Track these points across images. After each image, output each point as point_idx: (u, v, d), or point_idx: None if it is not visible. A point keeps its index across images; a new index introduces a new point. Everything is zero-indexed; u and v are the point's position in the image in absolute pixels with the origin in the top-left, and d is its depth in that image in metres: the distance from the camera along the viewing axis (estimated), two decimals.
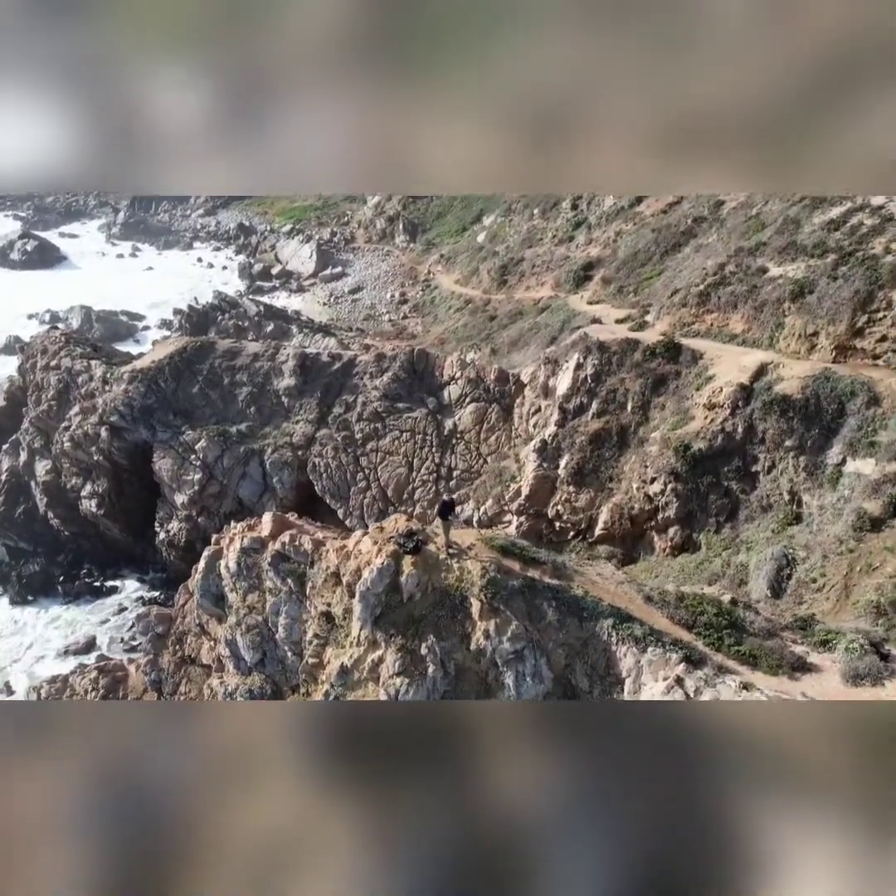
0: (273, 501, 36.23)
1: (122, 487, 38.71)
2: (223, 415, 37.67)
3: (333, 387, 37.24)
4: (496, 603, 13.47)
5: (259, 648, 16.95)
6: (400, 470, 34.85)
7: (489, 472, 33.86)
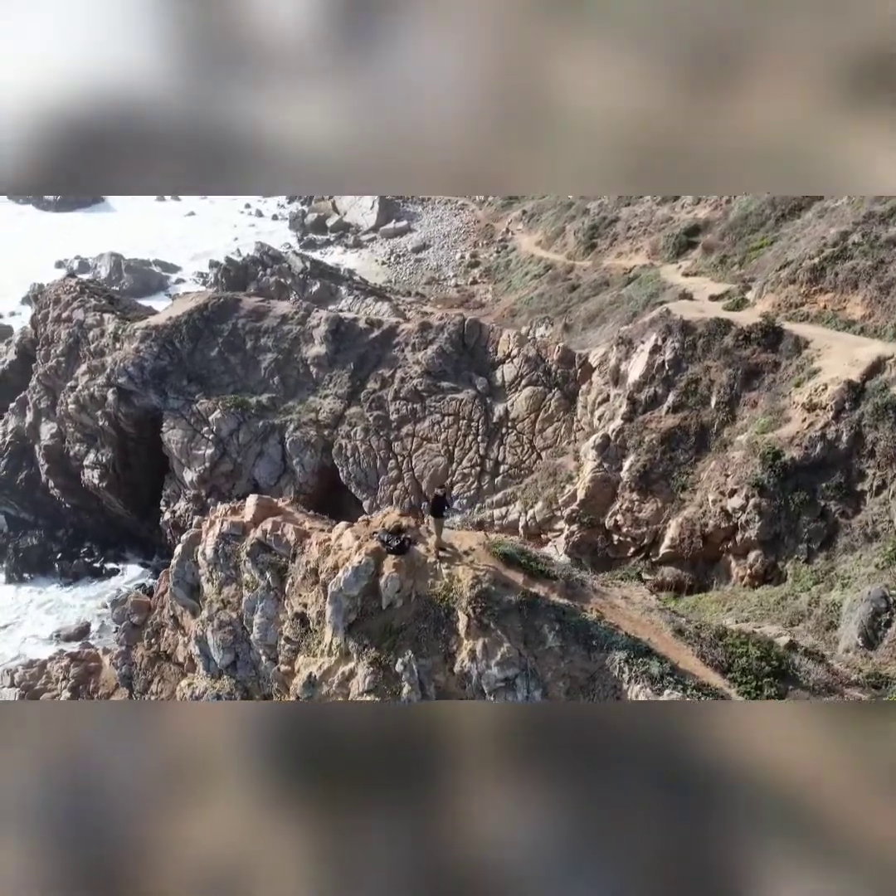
0: (292, 486, 37.01)
1: (128, 458, 40.36)
2: (243, 383, 38.66)
3: (369, 358, 37.63)
4: (486, 619, 13.32)
5: (231, 649, 17.40)
6: (438, 460, 34.94)
7: (542, 469, 33.57)
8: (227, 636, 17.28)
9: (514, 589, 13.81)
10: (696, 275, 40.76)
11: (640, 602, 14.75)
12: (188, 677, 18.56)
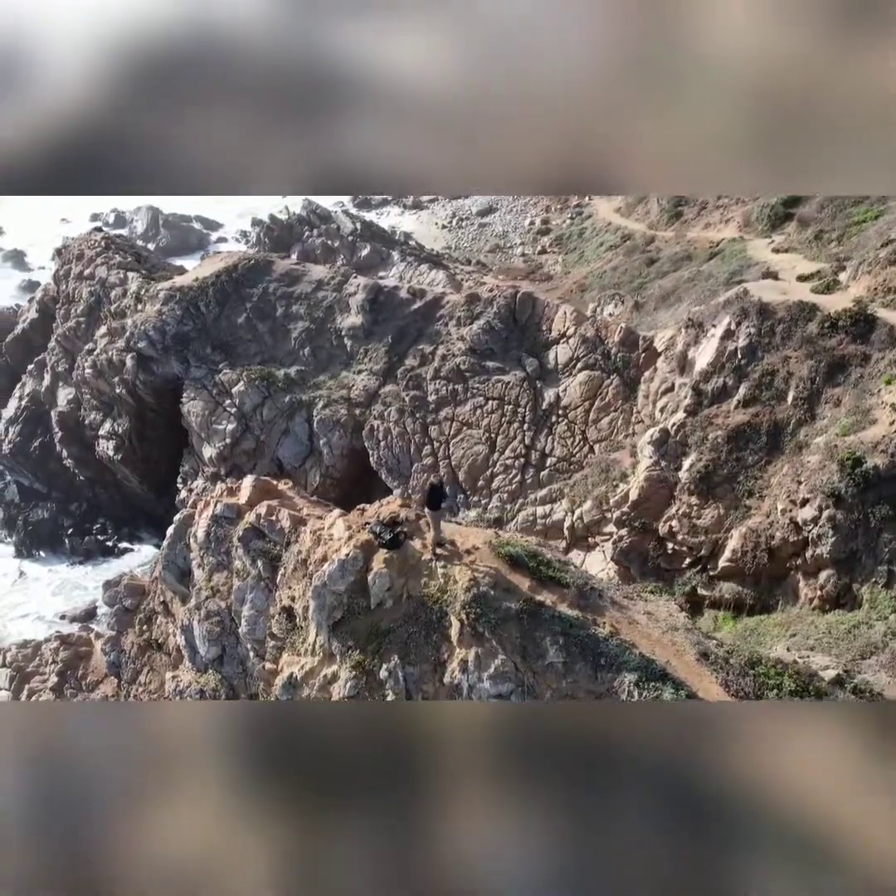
0: (317, 469, 37.52)
1: (145, 430, 41.44)
2: (270, 353, 39.21)
3: (409, 332, 37.72)
4: (480, 627, 13.19)
5: (217, 642, 17.72)
6: (478, 448, 34.89)
7: (594, 465, 33.20)
8: (213, 627, 17.61)
9: (517, 595, 13.68)
10: (788, 251, 39.53)
11: (665, 619, 14.45)
12: (174, 670, 18.98)
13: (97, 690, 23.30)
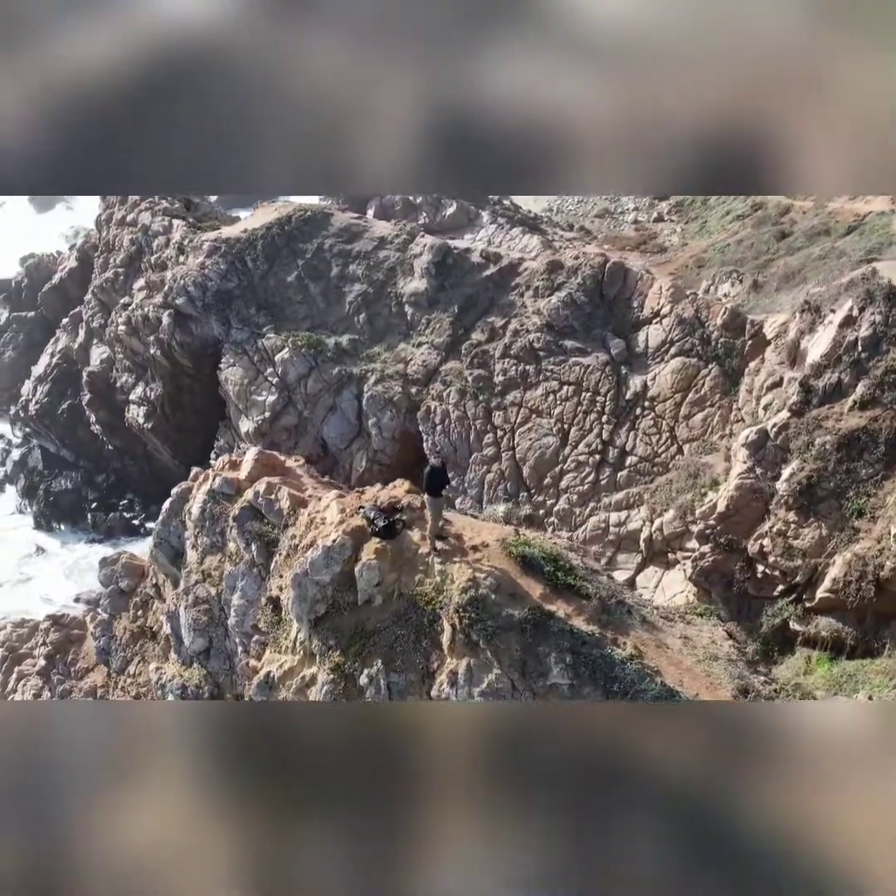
0: (365, 452, 37.88)
1: (181, 398, 42.59)
2: (321, 318, 39.76)
3: (479, 302, 37.70)
4: (475, 635, 13.13)
5: (204, 632, 18.15)
6: (548, 440, 34.65)
7: (681, 468, 32.60)
8: (201, 616, 18.03)
9: (523, 602, 13.58)
10: None
11: (704, 646, 14.12)
12: (160, 661, 19.54)
13: (86, 679, 24.14)
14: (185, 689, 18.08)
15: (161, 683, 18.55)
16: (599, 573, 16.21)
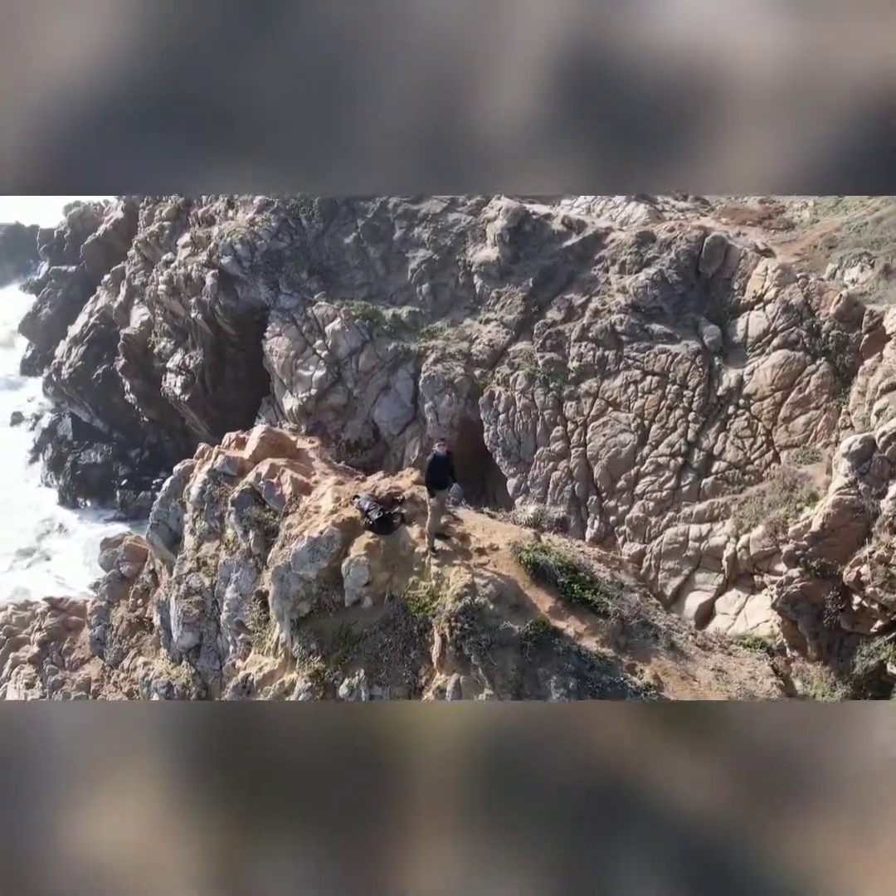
0: (419, 440, 37.91)
1: (222, 368, 43.29)
2: (379, 287, 39.89)
3: (557, 275, 37.36)
4: (467, 648, 12.97)
5: (195, 627, 18.37)
6: (624, 437, 34.16)
7: (776, 478, 31.83)
8: (191, 608, 18.25)
9: (527, 615, 13.43)
10: None
11: (741, 681, 13.72)
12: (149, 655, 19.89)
13: (80, 671, 24.67)
14: (170, 688, 18.36)
15: (147, 681, 18.87)
16: (631, 589, 15.93)
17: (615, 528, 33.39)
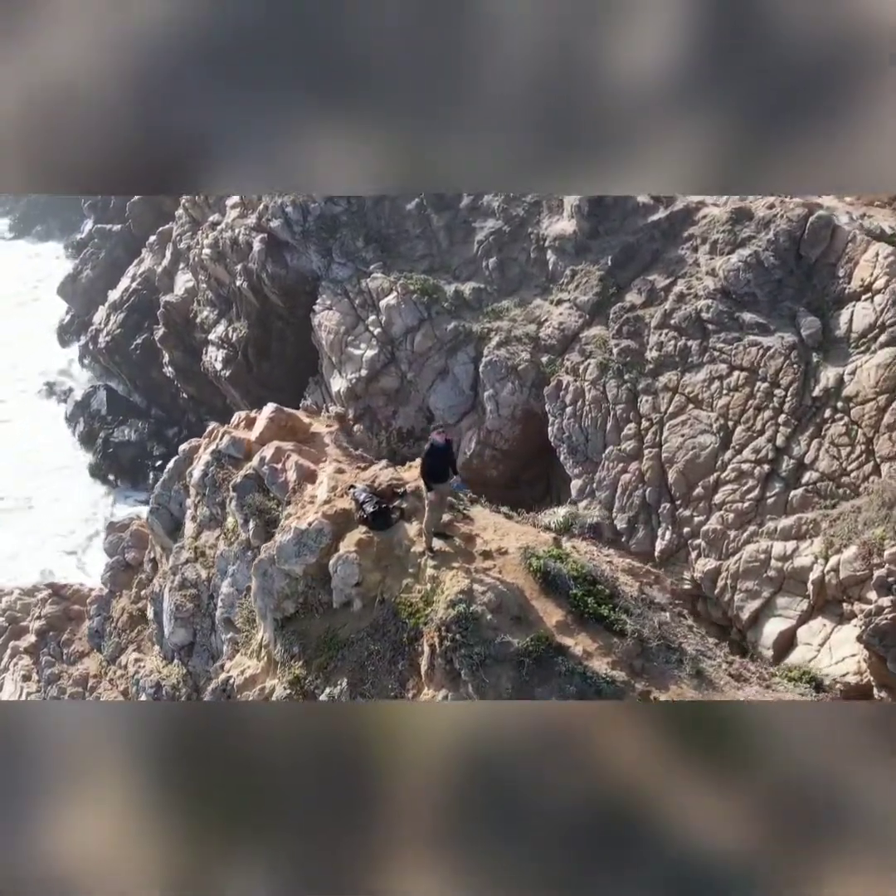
0: (476, 432, 37.77)
1: (268, 343, 43.61)
2: (442, 259, 39.84)
3: (640, 254, 36.92)
4: (457, 662, 12.85)
5: (188, 623, 18.53)
6: (705, 438, 33.62)
7: (875, 493, 31.15)
8: (185, 602, 18.40)
9: (529, 629, 13.32)
10: None
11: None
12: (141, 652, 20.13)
13: (78, 665, 25.02)
14: (159, 688, 18.57)
15: (136, 678, 19.10)
16: (662, 608, 15.72)
17: (689, 541, 32.91)
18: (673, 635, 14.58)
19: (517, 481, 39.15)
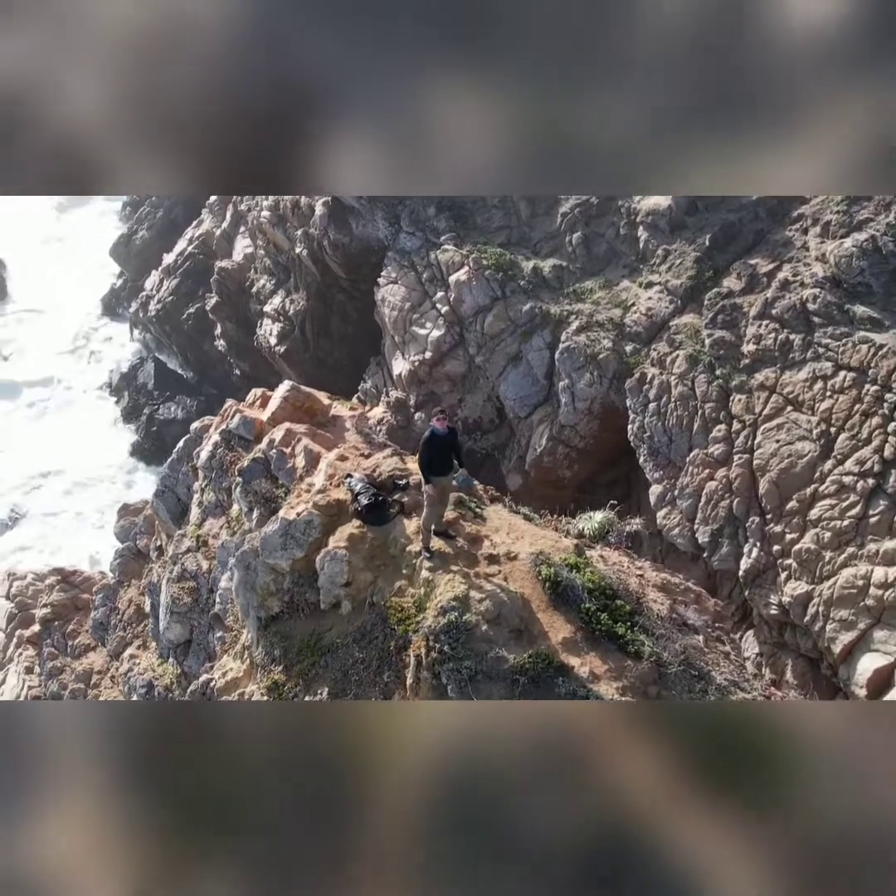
0: (549, 426, 37.49)
1: (327, 319, 43.85)
2: (521, 233, 39.68)
3: (742, 234, 36.48)
4: (445, 677, 12.71)
5: (185, 619, 18.63)
6: (803, 446, 33.00)
7: None
8: (182, 595, 18.51)
9: (530, 644, 13.16)
10: None
11: None
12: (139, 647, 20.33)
13: (83, 659, 25.32)
14: (151, 688, 18.71)
15: (128, 676, 19.29)
16: (696, 630, 15.37)
17: (778, 561, 32.31)
18: (701, 661, 14.28)
19: (594, 484, 38.80)
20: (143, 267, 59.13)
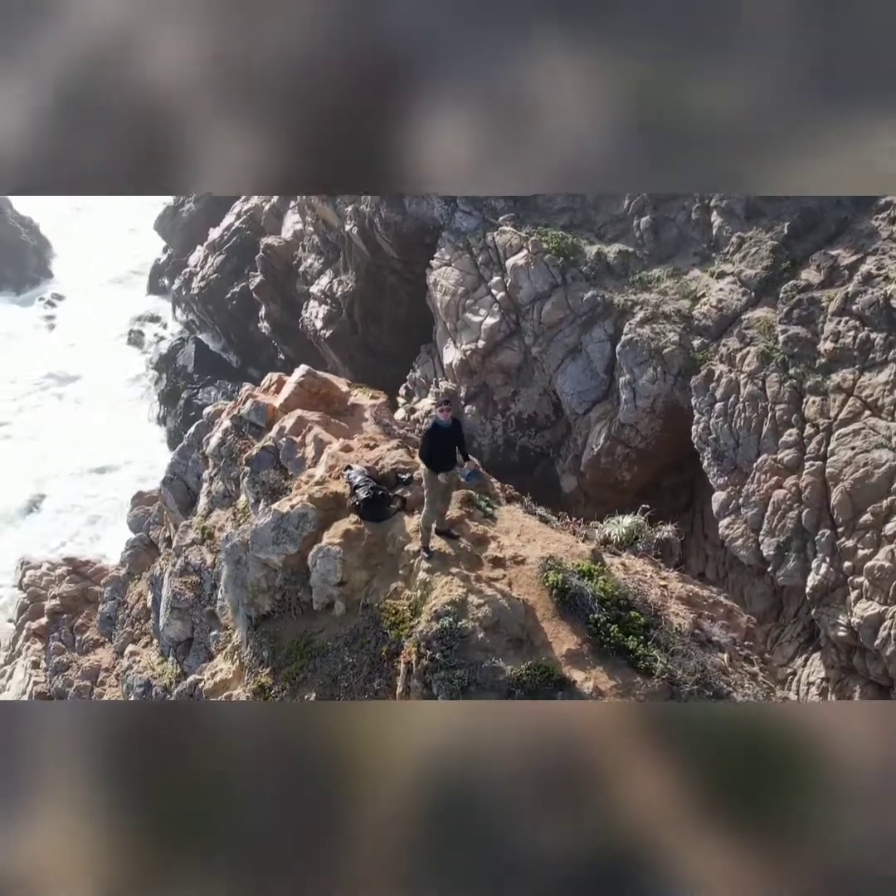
0: (607, 424, 37.29)
1: (378, 302, 43.88)
2: (585, 215, 39.55)
3: (824, 222, 36.14)
4: (436, 686, 12.68)
5: (185, 616, 18.73)
6: (880, 455, 32.57)
7: None
8: (184, 591, 18.62)
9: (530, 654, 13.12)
10: None
11: None
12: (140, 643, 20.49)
13: (90, 655, 25.54)
14: (149, 687, 18.82)
15: (127, 675, 19.41)
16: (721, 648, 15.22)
17: (849, 579, 31.88)
18: (721, 681, 14.13)
19: (657, 488, 38.51)
20: (189, 242, 59.60)
